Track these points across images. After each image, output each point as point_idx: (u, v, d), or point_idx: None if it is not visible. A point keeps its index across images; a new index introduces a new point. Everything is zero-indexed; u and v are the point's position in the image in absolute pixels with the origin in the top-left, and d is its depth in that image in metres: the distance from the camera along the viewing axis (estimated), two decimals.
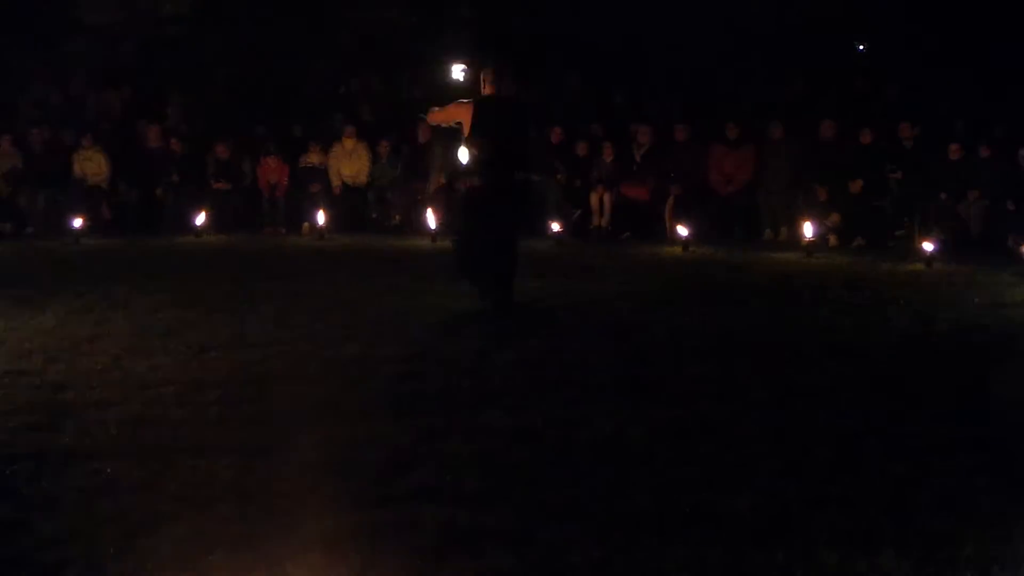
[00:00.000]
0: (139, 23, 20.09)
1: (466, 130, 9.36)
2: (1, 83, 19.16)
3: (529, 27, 19.21)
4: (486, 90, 9.57)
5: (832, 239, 14.41)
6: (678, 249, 13.82)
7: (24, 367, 7.25)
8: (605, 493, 4.69)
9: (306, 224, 16.39)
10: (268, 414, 5.98)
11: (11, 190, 17.05)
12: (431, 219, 15.11)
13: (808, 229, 13.54)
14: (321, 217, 15.77)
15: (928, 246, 12.38)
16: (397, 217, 16.85)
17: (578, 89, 18.51)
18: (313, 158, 17.09)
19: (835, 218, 14.60)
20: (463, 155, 9.43)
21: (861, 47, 19.83)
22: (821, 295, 10.24)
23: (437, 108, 9.89)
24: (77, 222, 15.36)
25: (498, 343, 7.87)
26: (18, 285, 10.92)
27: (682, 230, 14.06)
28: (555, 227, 14.96)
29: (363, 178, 17.04)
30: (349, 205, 16.87)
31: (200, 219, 15.64)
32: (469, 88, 9.73)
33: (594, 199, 16.24)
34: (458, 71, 10.65)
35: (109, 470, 5.05)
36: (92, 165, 17.14)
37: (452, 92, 16.53)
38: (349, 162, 17.04)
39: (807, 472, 4.99)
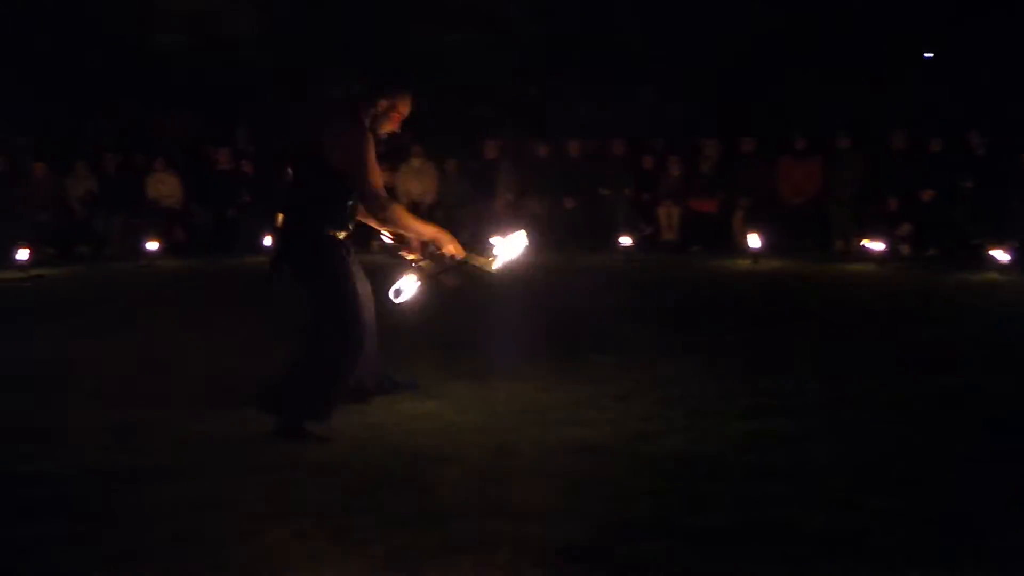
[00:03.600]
0: (210, 46, 20.33)
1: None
2: (76, 108, 19.54)
3: (597, 41, 19.21)
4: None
5: (904, 249, 14.29)
6: (748, 262, 13.78)
7: (103, 387, 7.37)
8: (681, 508, 4.68)
9: (374, 243, 16.48)
10: (337, 432, 6.01)
11: (87, 214, 17.38)
12: (499, 237, 15.13)
13: (879, 240, 13.43)
14: (387, 236, 15.85)
15: (1001, 255, 12.24)
16: (465, 235, 16.91)
17: (645, 103, 18.49)
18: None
19: (906, 228, 14.48)
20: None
21: (928, 55, 19.63)
22: (894, 306, 10.15)
23: None
24: (152, 244, 15.62)
25: (566, 360, 7.88)
26: (96, 307, 11.12)
27: (752, 242, 14.00)
28: (624, 241, 14.96)
29: (431, 197, 17.14)
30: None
31: (269, 240, 15.78)
32: None
33: (662, 213, 16.25)
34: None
35: (184, 487, 5.12)
36: (165, 188, 17.44)
37: (520, 109, 16.62)
38: (417, 180, 17.16)
39: (884, 487, 4.94)
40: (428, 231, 6.25)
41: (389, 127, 6.21)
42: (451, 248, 6.22)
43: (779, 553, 4.18)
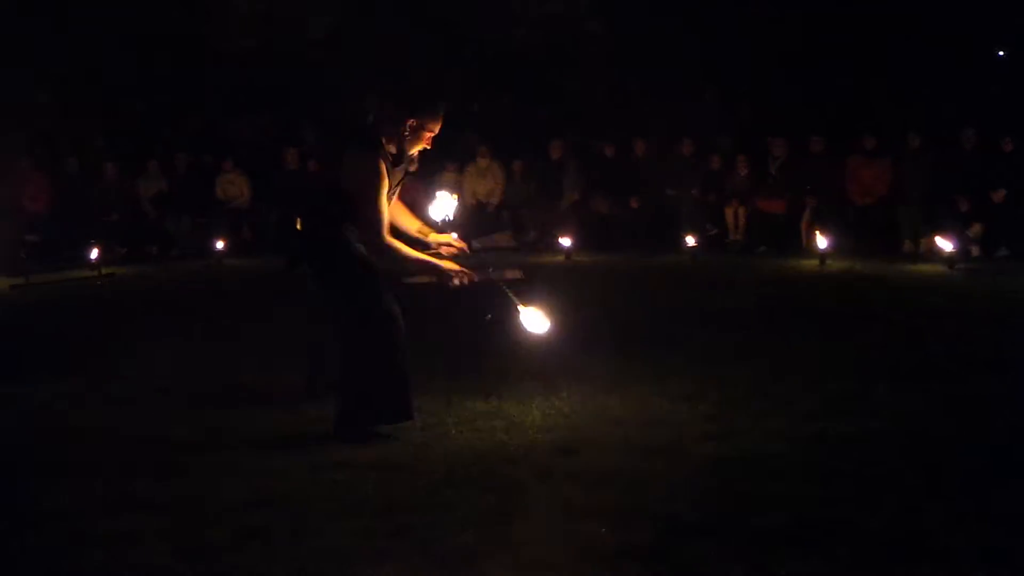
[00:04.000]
0: (277, 48, 20.49)
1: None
2: (147, 110, 19.80)
3: (661, 41, 19.15)
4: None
5: (974, 250, 14.11)
6: (815, 262, 13.67)
7: (173, 385, 7.48)
8: (741, 509, 4.67)
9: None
10: (406, 429, 6.04)
11: (157, 214, 17.61)
12: (565, 237, 15.17)
13: (949, 240, 13.27)
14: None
15: None
16: (532, 234, 16.95)
17: (712, 103, 18.39)
18: (448, 177, 17.29)
19: (977, 229, 14.30)
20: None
21: (1001, 53, 19.37)
22: (963, 308, 10.03)
23: None
24: (220, 243, 15.78)
25: (631, 361, 7.86)
26: (165, 305, 11.26)
27: (819, 243, 13.90)
28: (690, 241, 14.91)
29: (497, 197, 17.18)
30: (483, 223, 17.01)
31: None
32: None
33: (729, 213, 16.18)
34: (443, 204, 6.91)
35: (256, 484, 5.18)
36: (234, 188, 17.63)
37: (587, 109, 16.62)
38: (483, 181, 17.21)
39: (949, 488, 4.90)
40: (429, 263, 6.10)
41: (418, 146, 6.11)
42: (459, 270, 6.08)
43: (841, 554, 4.16)
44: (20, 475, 5.54)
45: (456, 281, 6.06)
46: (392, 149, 5.99)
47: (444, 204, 6.72)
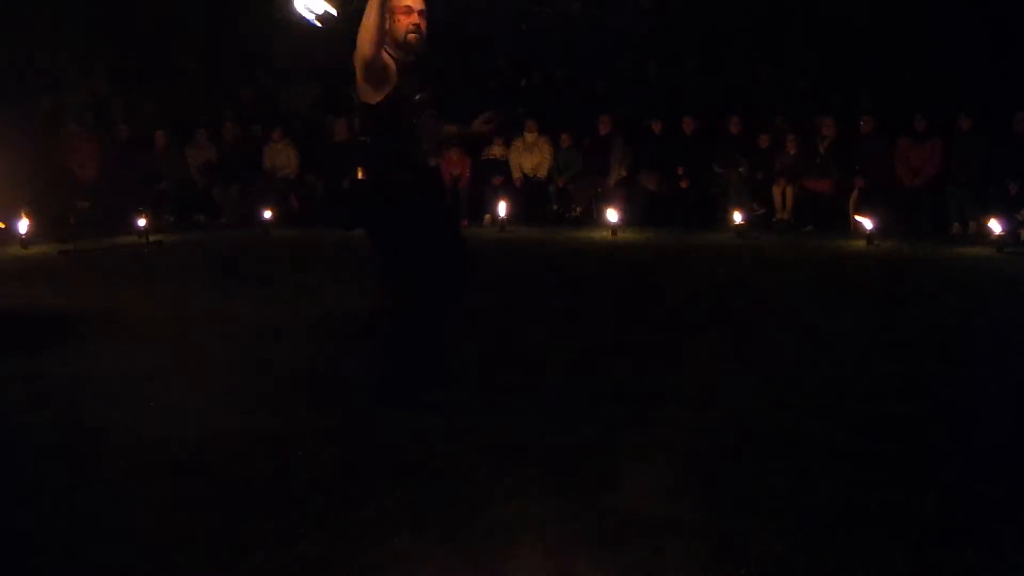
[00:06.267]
0: (328, 18, 20.48)
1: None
2: (197, 79, 19.90)
3: (710, 18, 19.06)
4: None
5: (1023, 233, 13.97)
6: (862, 243, 13.59)
7: (221, 353, 7.55)
8: (787, 488, 4.65)
9: (488, 216, 16.61)
10: (449, 401, 6.07)
11: (206, 182, 17.72)
12: (612, 212, 15.15)
13: (998, 223, 13.15)
14: (503, 209, 15.95)
15: None
16: (578, 210, 16.92)
17: (763, 80, 18.28)
18: (495, 151, 17.31)
19: None
20: None
21: None
22: (1011, 291, 9.95)
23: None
24: (267, 213, 15.88)
25: (677, 337, 7.86)
26: (212, 274, 11.36)
27: (866, 223, 13.81)
28: (737, 219, 14.87)
29: (544, 171, 17.17)
30: (530, 198, 17.00)
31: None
32: None
33: (776, 192, 16.10)
34: None
35: (300, 452, 5.22)
36: (282, 158, 17.69)
37: (636, 84, 16.56)
38: (530, 155, 17.19)
39: (997, 471, 4.86)
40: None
41: (403, 26, 5.87)
42: None
43: (890, 536, 4.15)
44: (71, 442, 5.59)
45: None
46: (390, 48, 5.85)
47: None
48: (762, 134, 16.51)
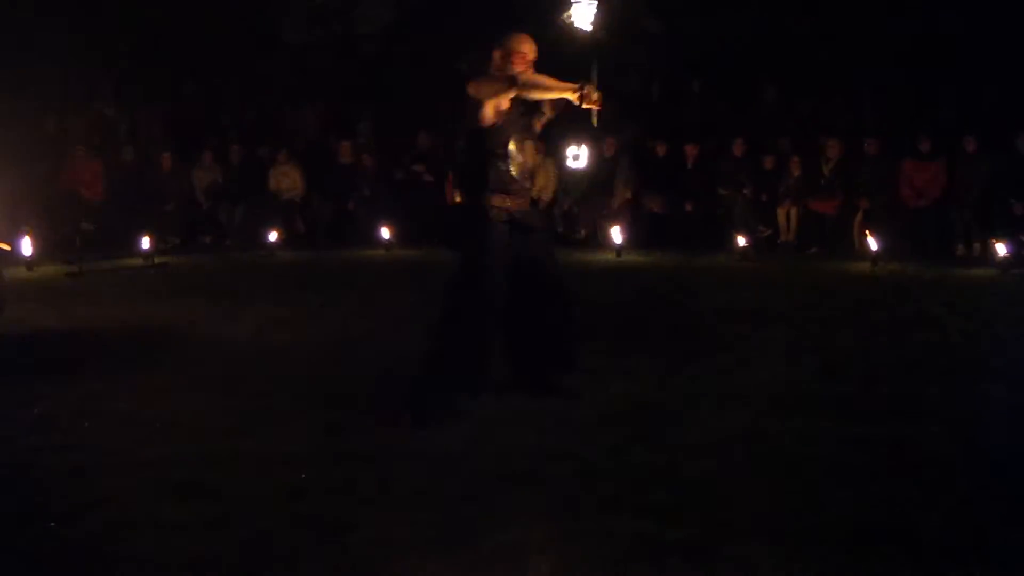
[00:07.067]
0: (333, 41, 20.61)
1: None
2: (204, 101, 19.97)
3: (716, 39, 19.08)
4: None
5: None
6: (867, 265, 13.59)
7: (223, 373, 7.55)
8: (793, 509, 4.66)
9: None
10: (454, 424, 6.08)
11: (211, 204, 17.75)
12: (616, 234, 15.16)
13: (1003, 245, 13.15)
14: None
15: None
16: (583, 231, 16.92)
17: (768, 102, 18.30)
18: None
19: None
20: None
21: None
22: (1016, 312, 9.95)
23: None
24: (272, 235, 15.90)
25: (680, 360, 7.86)
26: (216, 295, 11.36)
27: (871, 245, 13.82)
28: (741, 241, 14.88)
29: (549, 194, 17.16)
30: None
31: (386, 233, 15.97)
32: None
33: (781, 213, 16.10)
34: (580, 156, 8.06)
35: (305, 474, 5.22)
36: (287, 180, 17.69)
37: (641, 107, 16.54)
38: (536, 177, 17.17)
39: (1002, 491, 4.86)
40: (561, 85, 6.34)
41: (520, 69, 6.32)
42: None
43: (896, 554, 4.15)
44: (75, 464, 5.59)
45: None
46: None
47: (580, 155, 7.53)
48: (766, 156, 16.53)
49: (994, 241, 13.45)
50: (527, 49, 6.38)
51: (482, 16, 19.20)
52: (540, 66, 6.41)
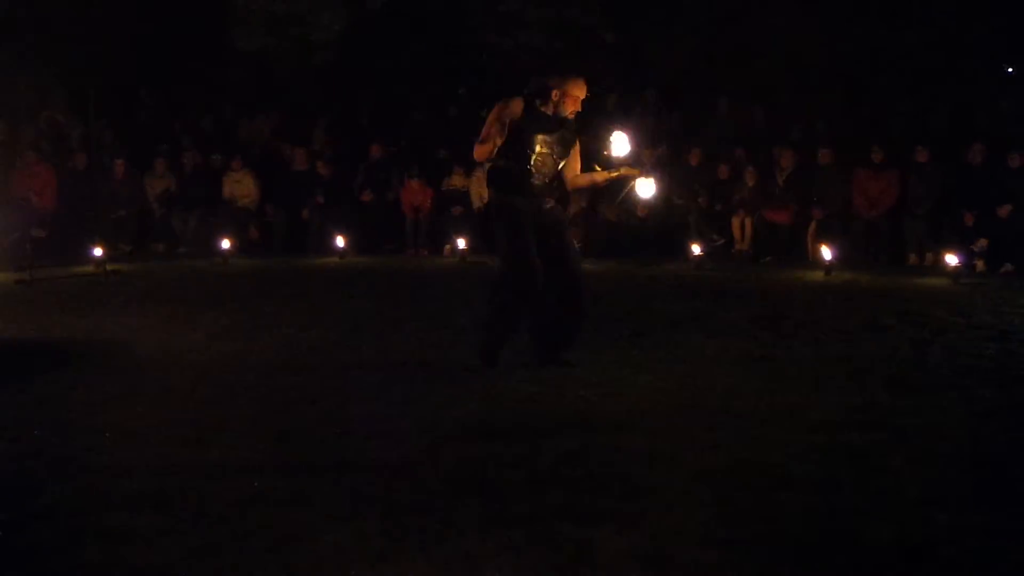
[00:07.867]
0: (288, 50, 20.55)
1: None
2: (157, 109, 19.85)
3: (670, 54, 19.16)
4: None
5: (979, 265, 14.09)
6: (820, 274, 13.67)
7: (175, 382, 7.50)
8: (744, 518, 4.67)
9: (448, 246, 16.59)
10: (407, 433, 6.07)
11: (164, 211, 17.64)
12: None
13: (954, 255, 13.28)
14: (463, 240, 15.95)
15: None
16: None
17: (721, 113, 18.41)
18: (456, 181, 17.31)
19: (983, 243, 14.28)
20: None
21: (1010, 70, 19.35)
22: (967, 321, 10.03)
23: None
24: (226, 243, 15.81)
25: (634, 368, 7.88)
26: (170, 303, 11.29)
27: (825, 254, 13.91)
28: (696, 250, 14.93)
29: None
30: (492, 228, 16.96)
31: (340, 242, 15.95)
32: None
33: (735, 223, 16.19)
34: (620, 143, 8.15)
35: (256, 484, 5.18)
36: (241, 187, 17.64)
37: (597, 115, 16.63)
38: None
39: (953, 501, 4.89)
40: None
41: (570, 108, 7.60)
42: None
43: (846, 564, 4.17)
44: (24, 472, 5.54)
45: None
46: (548, 111, 7.53)
47: (620, 141, 8.07)
48: (721, 165, 16.62)
49: (945, 251, 13.57)
50: (580, 94, 7.61)
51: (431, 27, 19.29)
52: None
